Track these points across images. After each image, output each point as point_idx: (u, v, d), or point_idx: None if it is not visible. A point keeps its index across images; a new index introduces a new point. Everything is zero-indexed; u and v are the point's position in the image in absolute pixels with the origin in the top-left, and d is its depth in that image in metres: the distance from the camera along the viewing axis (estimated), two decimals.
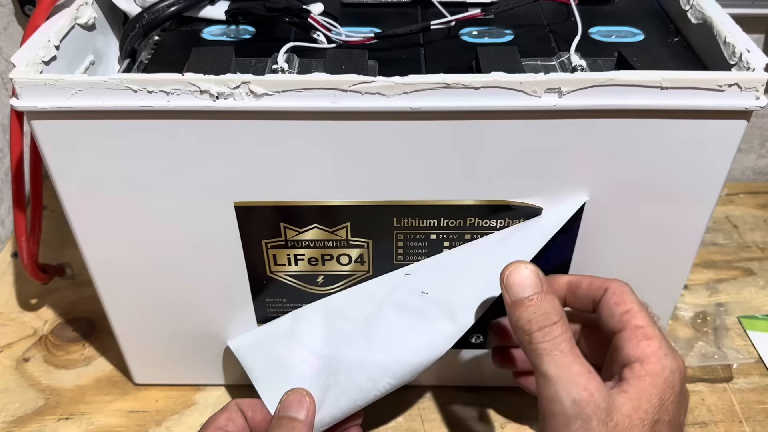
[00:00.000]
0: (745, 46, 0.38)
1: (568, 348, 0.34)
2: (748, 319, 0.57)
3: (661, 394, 0.34)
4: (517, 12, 0.45)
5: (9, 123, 0.44)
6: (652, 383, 0.34)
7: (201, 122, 0.36)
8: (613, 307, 0.37)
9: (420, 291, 0.42)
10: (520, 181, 0.39)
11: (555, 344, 0.34)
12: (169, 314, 0.46)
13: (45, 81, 0.35)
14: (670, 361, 0.35)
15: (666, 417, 0.34)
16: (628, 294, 0.37)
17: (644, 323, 0.36)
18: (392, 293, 0.43)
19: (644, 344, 0.35)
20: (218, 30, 0.44)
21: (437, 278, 0.42)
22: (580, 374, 0.34)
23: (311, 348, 0.44)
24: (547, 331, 0.35)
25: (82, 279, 0.60)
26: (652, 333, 0.35)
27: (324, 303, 0.45)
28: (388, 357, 0.42)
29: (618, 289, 0.37)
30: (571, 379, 0.33)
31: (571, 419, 0.33)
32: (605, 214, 0.41)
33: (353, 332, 0.43)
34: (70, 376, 0.53)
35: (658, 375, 0.34)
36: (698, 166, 0.38)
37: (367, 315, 0.43)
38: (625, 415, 0.33)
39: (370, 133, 0.37)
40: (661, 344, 0.35)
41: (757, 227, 0.67)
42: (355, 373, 0.42)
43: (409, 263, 0.43)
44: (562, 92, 0.35)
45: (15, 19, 0.63)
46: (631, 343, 0.35)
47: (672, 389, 0.34)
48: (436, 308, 0.42)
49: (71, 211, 0.40)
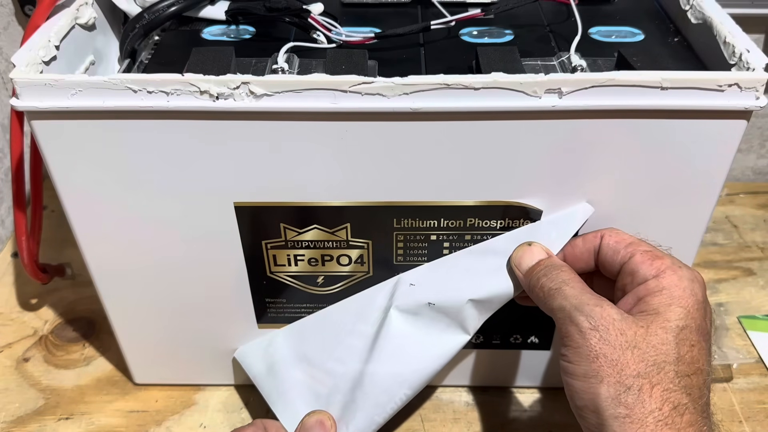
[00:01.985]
0: (745, 46, 0.38)
1: (578, 285, 0.36)
2: (748, 319, 0.57)
3: (682, 302, 0.34)
4: (517, 12, 0.45)
5: (9, 123, 0.44)
6: (669, 295, 0.34)
7: (201, 122, 0.36)
8: (615, 245, 0.37)
9: (427, 302, 0.42)
10: (520, 181, 0.39)
11: (564, 282, 0.36)
12: (169, 314, 0.46)
13: (45, 81, 0.35)
14: (685, 272, 0.35)
15: (692, 324, 0.33)
16: (624, 233, 0.38)
17: (650, 248, 0.36)
18: (400, 305, 0.43)
19: (658, 262, 0.35)
20: (218, 30, 0.44)
21: (443, 288, 0.42)
22: (591, 297, 0.34)
23: (324, 367, 0.44)
24: (554, 275, 0.36)
25: (82, 279, 0.60)
26: (661, 254, 0.36)
27: (329, 316, 0.45)
28: (402, 368, 0.42)
29: (613, 231, 0.38)
30: (582, 302, 0.34)
31: (589, 332, 0.33)
32: (605, 214, 0.41)
33: (365, 348, 0.43)
34: (70, 376, 0.53)
35: (676, 285, 0.34)
36: (698, 166, 0.38)
37: (377, 329, 0.43)
38: (644, 327, 0.33)
39: (370, 133, 0.37)
40: (674, 260, 0.35)
41: (757, 227, 0.67)
42: (371, 388, 0.42)
43: (410, 264, 0.43)
44: (562, 92, 0.35)
45: (15, 19, 0.63)
46: (643, 264, 0.35)
47: (694, 296, 0.34)
48: (445, 317, 0.42)
49: (71, 211, 0.40)
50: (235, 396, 0.51)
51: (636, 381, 0.32)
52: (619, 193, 0.40)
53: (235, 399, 0.51)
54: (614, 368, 0.32)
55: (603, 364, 0.32)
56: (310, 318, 0.46)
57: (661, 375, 0.32)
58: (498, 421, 0.50)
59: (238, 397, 0.51)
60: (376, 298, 0.44)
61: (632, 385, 0.32)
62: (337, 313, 0.45)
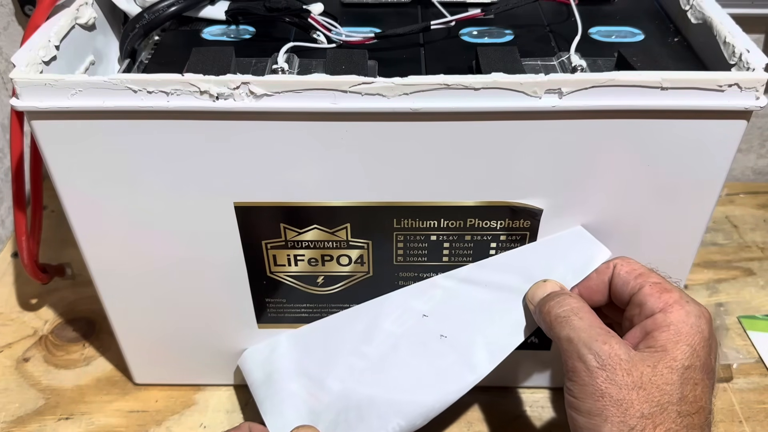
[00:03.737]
0: (745, 46, 0.37)
1: (587, 316, 0.36)
2: (748, 319, 0.57)
3: (689, 340, 0.34)
4: (517, 12, 0.45)
5: (9, 123, 0.44)
6: (677, 331, 0.34)
7: (201, 123, 0.36)
8: (626, 275, 0.38)
9: (439, 334, 0.42)
10: (520, 181, 0.39)
11: (572, 311, 0.36)
12: (169, 314, 0.46)
13: (45, 81, 0.35)
14: (693, 307, 0.35)
15: (697, 362, 0.34)
16: (635, 262, 0.38)
17: (660, 280, 0.37)
18: (409, 333, 0.43)
19: (666, 296, 0.35)
20: (218, 30, 0.44)
21: (457, 322, 0.42)
22: (599, 333, 0.34)
23: (323, 384, 0.44)
24: (562, 301, 0.36)
25: (82, 279, 0.60)
26: (670, 287, 0.36)
27: (334, 328, 0.45)
28: (401, 397, 0.41)
29: (624, 260, 0.39)
30: (591, 337, 0.34)
31: (596, 371, 0.33)
32: (605, 214, 0.41)
33: (367, 370, 0.43)
34: (70, 376, 0.53)
35: (683, 321, 0.34)
36: (698, 166, 0.38)
37: (382, 353, 0.43)
38: (650, 366, 0.33)
39: (370, 134, 0.37)
40: (682, 294, 0.35)
41: (757, 227, 0.67)
42: (366, 411, 0.42)
43: (410, 264, 0.43)
44: (563, 93, 0.35)
45: (15, 19, 0.63)
46: (652, 297, 0.36)
47: (700, 333, 0.34)
48: (453, 353, 0.42)
49: (71, 211, 0.40)
50: (235, 396, 0.51)
51: (640, 422, 0.32)
52: (619, 193, 0.40)
53: (235, 399, 0.51)
54: (619, 408, 0.33)
55: (608, 404, 0.33)
56: (317, 326, 0.46)
57: (664, 415, 0.32)
58: (498, 421, 0.50)
59: (238, 397, 0.51)
60: (383, 321, 0.44)
61: (636, 425, 0.32)
62: (342, 327, 0.45)
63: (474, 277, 0.43)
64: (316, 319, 0.46)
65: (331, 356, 0.44)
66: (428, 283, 0.44)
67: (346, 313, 0.46)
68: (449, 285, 0.44)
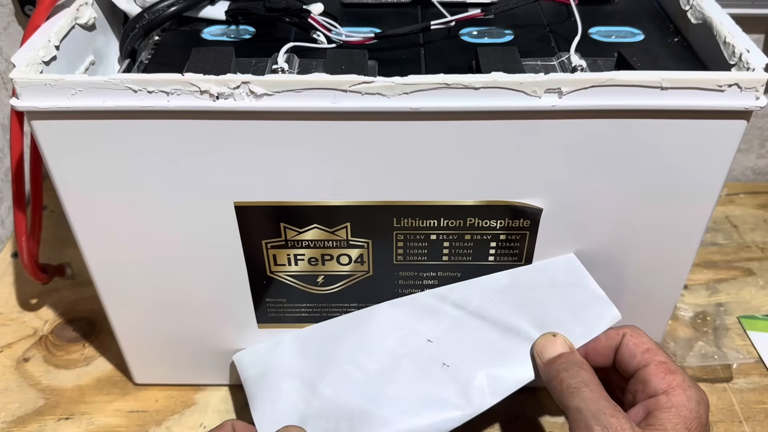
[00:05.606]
0: (745, 46, 0.38)
1: (596, 388, 0.37)
2: (748, 319, 0.57)
3: (687, 423, 0.35)
4: (517, 12, 0.45)
5: (9, 123, 0.44)
6: (677, 414, 0.36)
7: (201, 122, 0.36)
8: (634, 348, 0.39)
9: (441, 362, 0.42)
10: (520, 181, 0.39)
11: (583, 383, 0.37)
12: (169, 314, 0.46)
13: (45, 81, 0.35)
14: (694, 393, 0.36)
15: None
16: (644, 335, 0.40)
17: (666, 359, 0.38)
18: (411, 355, 0.43)
19: (669, 377, 0.37)
20: (218, 30, 0.44)
21: (462, 354, 0.42)
22: (607, 406, 0.36)
23: (315, 388, 0.43)
24: (574, 373, 0.38)
25: (82, 279, 0.60)
26: (674, 368, 0.38)
27: (335, 334, 0.45)
28: (395, 417, 0.41)
29: (634, 331, 0.40)
30: (599, 410, 0.36)
31: None
32: (605, 214, 0.41)
33: (363, 382, 0.43)
34: (70, 376, 0.53)
35: (684, 406, 0.36)
36: (698, 166, 0.38)
37: (380, 368, 0.43)
38: None
39: (370, 133, 0.37)
40: (685, 377, 0.37)
41: (757, 227, 0.67)
42: (358, 425, 0.41)
43: (410, 263, 0.43)
44: (562, 92, 0.35)
45: (15, 19, 0.63)
46: (656, 377, 0.37)
47: (698, 419, 0.36)
48: (454, 383, 0.41)
49: (71, 211, 0.40)
50: (236, 396, 0.51)
51: None
52: (619, 192, 0.40)
53: (236, 399, 0.51)
54: None
55: None
56: (318, 328, 0.46)
57: None
58: (498, 421, 0.50)
59: (239, 397, 0.51)
60: (386, 338, 0.44)
61: None
62: (343, 333, 0.45)
63: (484, 313, 0.43)
64: (316, 318, 0.47)
65: (327, 361, 0.44)
66: (436, 305, 0.44)
67: (349, 317, 0.45)
68: (458, 315, 0.44)
